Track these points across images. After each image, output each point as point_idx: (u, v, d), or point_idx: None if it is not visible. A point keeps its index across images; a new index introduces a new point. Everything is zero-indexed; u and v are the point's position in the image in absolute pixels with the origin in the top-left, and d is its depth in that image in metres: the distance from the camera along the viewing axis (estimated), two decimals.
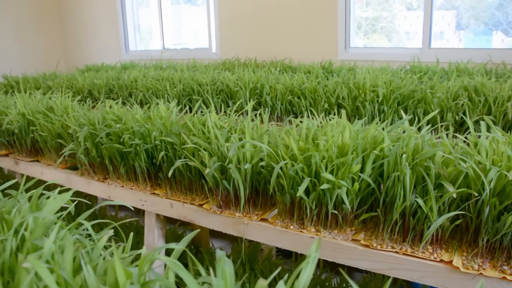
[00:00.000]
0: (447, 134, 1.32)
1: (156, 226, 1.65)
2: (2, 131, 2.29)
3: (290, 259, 1.99)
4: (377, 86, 2.08)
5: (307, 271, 0.51)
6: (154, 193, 1.63)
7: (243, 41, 4.43)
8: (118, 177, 1.76)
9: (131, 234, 0.69)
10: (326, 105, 2.15)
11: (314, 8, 3.91)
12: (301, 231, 1.28)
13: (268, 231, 1.33)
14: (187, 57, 4.56)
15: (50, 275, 0.47)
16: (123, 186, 1.73)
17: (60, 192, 0.88)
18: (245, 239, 1.38)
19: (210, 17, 4.64)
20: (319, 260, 1.91)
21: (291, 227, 1.30)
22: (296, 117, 2.26)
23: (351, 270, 2.33)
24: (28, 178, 2.42)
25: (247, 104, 2.36)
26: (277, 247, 2.01)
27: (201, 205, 1.48)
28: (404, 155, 1.13)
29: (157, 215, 1.64)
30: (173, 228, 2.33)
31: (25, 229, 0.73)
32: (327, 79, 2.47)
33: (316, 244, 0.55)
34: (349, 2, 3.71)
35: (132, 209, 1.36)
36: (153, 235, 1.66)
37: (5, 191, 0.97)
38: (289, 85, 2.31)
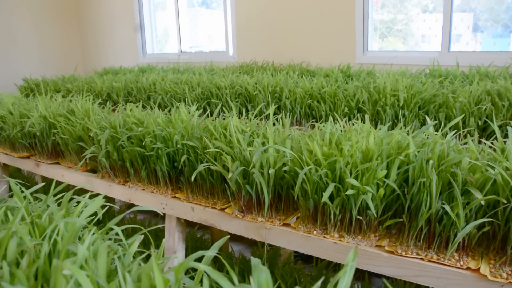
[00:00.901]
0: (472, 140, 1.30)
1: (176, 230, 1.65)
2: (24, 134, 2.32)
3: (310, 263, 1.98)
4: (397, 90, 2.06)
5: (345, 280, 0.50)
6: (175, 197, 1.63)
7: (260, 44, 4.43)
8: (139, 180, 1.76)
9: (163, 240, 0.69)
10: (346, 109, 2.14)
11: (331, 11, 3.90)
12: (324, 237, 1.27)
13: (291, 236, 1.32)
14: (204, 60, 4.58)
15: (89, 283, 0.47)
16: (143, 189, 1.73)
17: (79, 194, 0.89)
18: (267, 243, 1.38)
19: (227, 20, 4.65)
20: (339, 265, 1.89)
21: (314, 232, 1.29)
22: (316, 121, 2.25)
23: (370, 276, 2.31)
24: (47, 181, 2.45)
25: (265, 108, 2.36)
26: (295, 251, 2.01)
27: (222, 209, 1.48)
28: (431, 161, 1.12)
29: (178, 219, 1.65)
30: (192, 231, 2.34)
31: (57, 234, 0.73)
32: (347, 83, 2.46)
33: (353, 253, 0.54)
34: (367, 5, 3.69)
35: (162, 214, 1.37)
36: (174, 239, 1.66)
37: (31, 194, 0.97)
38: (308, 89, 2.30)
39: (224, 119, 1.66)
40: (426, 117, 1.47)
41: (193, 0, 5.38)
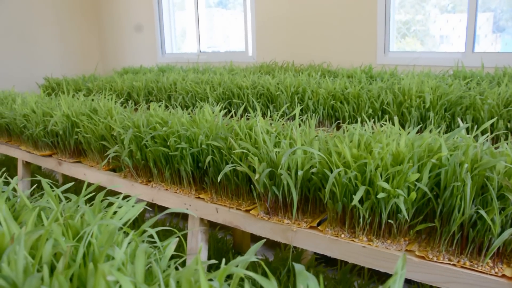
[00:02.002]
0: (506, 143, 1.27)
1: (200, 231, 1.64)
2: (47, 132, 2.33)
3: (332, 267, 1.95)
4: (423, 92, 2.02)
5: None
6: (198, 197, 1.62)
7: (279, 44, 4.41)
8: (162, 180, 1.76)
9: (201, 244, 0.67)
10: (370, 111, 2.11)
11: (352, 11, 3.87)
12: (352, 240, 1.24)
13: (318, 239, 1.30)
14: (223, 60, 4.57)
15: None
16: (167, 189, 1.73)
17: (103, 194, 0.88)
18: (293, 246, 1.36)
19: (247, 20, 4.64)
20: (364, 269, 1.86)
21: (342, 235, 1.26)
22: (339, 123, 2.22)
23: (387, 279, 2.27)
24: (67, 179, 2.45)
25: (287, 109, 2.34)
26: (315, 253, 1.98)
27: (247, 211, 1.46)
28: (465, 165, 1.09)
29: (201, 219, 1.63)
30: (214, 232, 2.33)
31: (91, 236, 0.72)
32: (370, 84, 2.43)
33: (402, 261, 0.52)
34: (389, 5, 3.65)
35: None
36: (197, 240, 1.65)
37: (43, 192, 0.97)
38: (331, 89, 2.27)
39: (247, 119, 1.64)
40: (459, 119, 1.43)
41: (210, 0, 5.37)
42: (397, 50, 3.83)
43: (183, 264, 1.33)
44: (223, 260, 0.62)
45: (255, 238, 2.42)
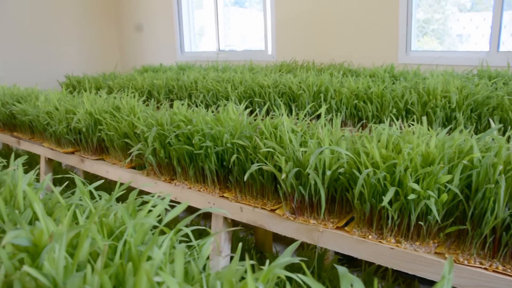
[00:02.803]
0: None
1: (223, 230, 1.64)
2: (70, 129, 2.35)
3: (356, 268, 1.93)
4: (448, 92, 1.99)
5: None
6: (222, 196, 1.61)
7: (299, 43, 4.38)
8: (185, 179, 1.76)
9: (240, 244, 0.66)
10: (394, 111, 2.08)
11: (373, 9, 3.83)
12: (380, 242, 1.23)
13: (344, 240, 1.29)
14: (242, 58, 4.57)
15: None
16: (190, 187, 1.73)
17: (128, 192, 0.87)
18: (319, 246, 1.35)
19: (266, 19, 4.62)
20: (388, 270, 1.84)
21: (370, 237, 1.25)
22: (363, 122, 2.20)
23: (412, 282, 2.25)
24: (88, 176, 2.47)
25: (310, 108, 2.32)
26: (336, 252, 1.97)
27: (272, 210, 1.45)
28: (500, 167, 1.07)
29: (225, 219, 1.63)
30: (236, 231, 2.32)
31: (122, 234, 0.72)
32: (393, 83, 2.40)
33: (449, 264, 0.50)
34: (411, 3, 3.60)
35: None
36: (220, 239, 1.65)
37: (67, 189, 0.97)
38: (354, 89, 2.25)
39: (272, 118, 1.63)
40: (490, 120, 1.41)
41: None
42: (418, 49, 3.78)
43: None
44: (267, 262, 0.61)
45: (277, 238, 2.41)
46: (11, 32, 5.17)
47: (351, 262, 2.04)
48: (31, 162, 3.55)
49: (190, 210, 1.60)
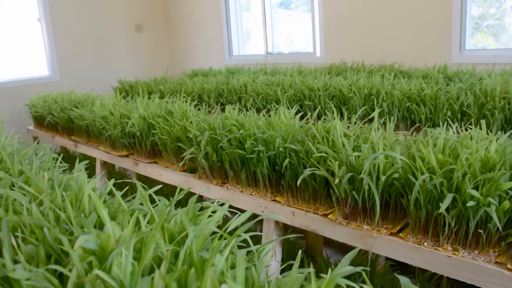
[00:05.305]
0: None
1: (274, 234, 1.65)
2: (124, 133, 2.43)
3: (408, 274, 1.89)
4: (508, 93, 1.92)
5: None
6: (274, 200, 1.62)
7: (348, 44, 4.34)
8: (237, 182, 1.78)
9: (299, 252, 0.67)
10: (448, 113, 2.03)
11: (424, 8, 3.73)
12: (436, 249, 1.20)
13: (399, 247, 1.27)
14: (291, 61, 4.56)
15: None
16: (242, 191, 1.75)
17: (195, 199, 0.90)
18: (372, 252, 1.33)
19: (315, 21, 4.60)
20: (443, 278, 1.80)
21: (425, 244, 1.22)
22: (416, 126, 2.16)
23: None
24: (140, 178, 2.54)
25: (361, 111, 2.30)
26: (387, 258, 1.93)
27: (325, 215, 1.45)
28: None
29: (276, 222, 1.64)
30: (285, 234, 2.33)
31: (183, 239, 0.74)
32: (447, 85, 2.34)
33: None
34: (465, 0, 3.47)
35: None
36: (272, 243, 1.66)
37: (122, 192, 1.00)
38: (406, 91, 2.21)
39: (323, 122, 1.63)
40: None
41: (272, 1, 5.38)
42: (473, 48, 3.64)
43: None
44: (329, 271, 0.61)
45: (326, 241, 2.40)
46: (68, 41, 5.41)
47: (402, 268, 2.01)
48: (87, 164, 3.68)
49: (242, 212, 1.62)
